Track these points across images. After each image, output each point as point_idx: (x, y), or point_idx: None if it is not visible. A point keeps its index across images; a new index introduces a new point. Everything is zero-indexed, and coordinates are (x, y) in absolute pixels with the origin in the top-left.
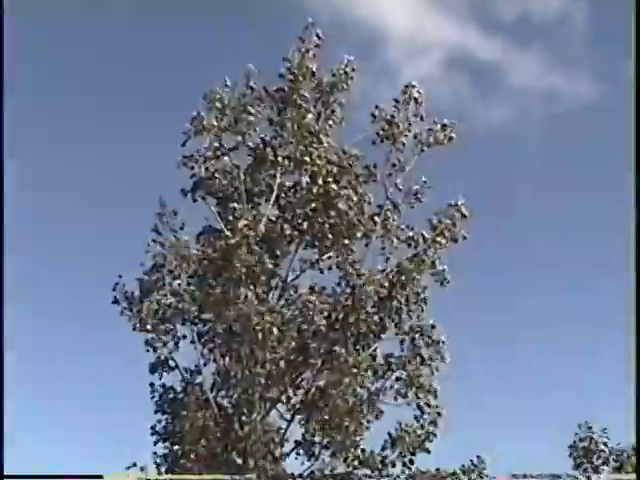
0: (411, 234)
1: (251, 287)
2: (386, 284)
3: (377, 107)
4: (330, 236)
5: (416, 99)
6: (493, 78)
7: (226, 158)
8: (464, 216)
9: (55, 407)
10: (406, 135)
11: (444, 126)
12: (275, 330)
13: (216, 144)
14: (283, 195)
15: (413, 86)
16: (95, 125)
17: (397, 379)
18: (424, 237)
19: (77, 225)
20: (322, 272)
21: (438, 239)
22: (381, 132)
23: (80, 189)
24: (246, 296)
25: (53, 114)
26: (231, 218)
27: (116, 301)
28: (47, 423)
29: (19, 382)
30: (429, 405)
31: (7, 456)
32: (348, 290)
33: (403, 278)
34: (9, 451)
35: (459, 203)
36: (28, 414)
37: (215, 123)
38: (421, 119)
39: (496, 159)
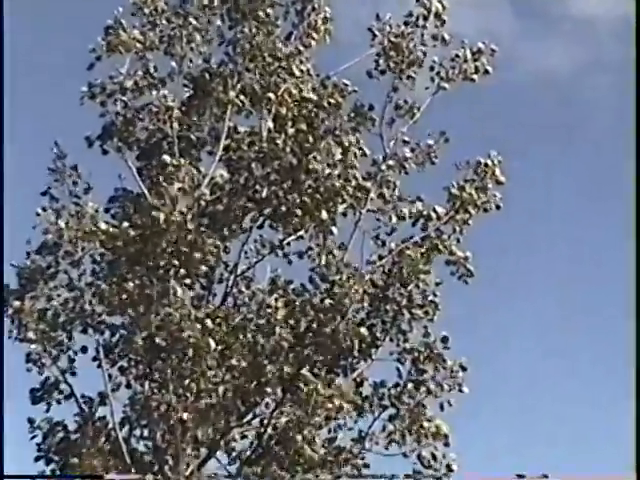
0: (420, 207)
1: (184, 280)
2: (380, 280)
3: (378, 17)
4: (300, 209)
5: (438, 14)
6: (547, 6)
7: (154, 92)
8: (499, 182)
9: None
10: (420, 65)
11: (477, 53)
12: (216, 344)
13: (140, 70)
14: (234, 147)
15: None
16: None
17: (391, 418)
18: (437, 212)
19: None
20: (289, 262)
21: (459, 216)
22: (382, 58)
23: None
24: (176, 293)
25: None
26: (158, 179)
27: None
28: None
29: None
30: (435, 458)
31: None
32: (325, 287)
33: (405, 271)
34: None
35: (492, 162)
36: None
37: (140, 37)
38: (443, 42)
39: (546, 117)
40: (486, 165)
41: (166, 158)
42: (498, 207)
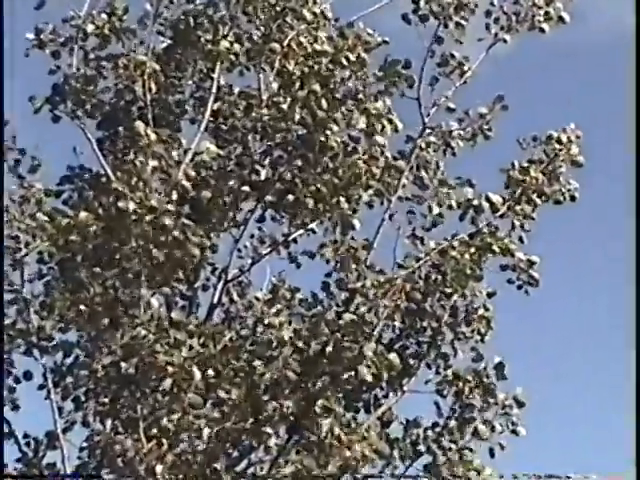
0: (470, 194)
1: (160, 288)
2: (415, 289)
3: None
4: (312, 196)
5: None
6: None
7: (121, 40)
8: (576, 163)
9: None
10: (472, 10)
11: None
12: (201, 372)
13: (104, 12)
14: (226, 113)
15: None
16: None
17: (427, 467)
18: (492, 201)
19: None
20: (297, 265)
21: (520, 207)
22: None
23: None
24: (149, 304)
25: None
26: (126, 154)
27: None
28: None
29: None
30: None
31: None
32: (343, 297)
33: (449, 277)
34: None
35: (568, 138)
36: None
37: None
38: None
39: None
40: (559, 141)
41: (139, 126)
42: (573, 198)
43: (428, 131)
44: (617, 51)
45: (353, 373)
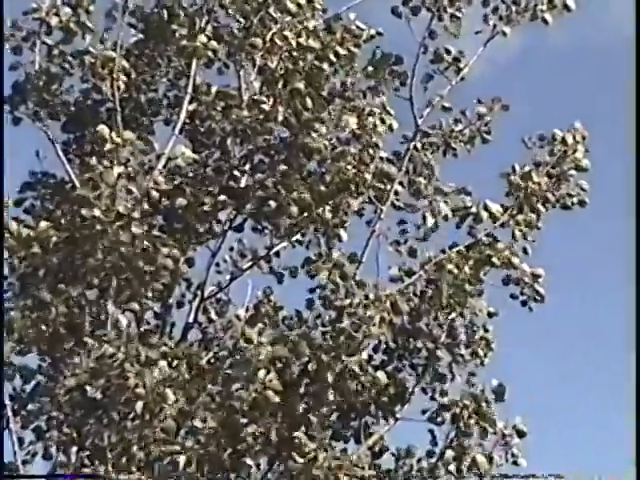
0: (468, 201)
1: (129, 305)
2: (407, 306)
3: None
4: (296, 204)
5: None
6: None
7: (88, 35)
8: (580, 168)
9: None
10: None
11: None
12: (174, 397)
13: (68, 5)
14: (203, 114)
15: None
16: None
17: None
18: (490, 210)
19: None
20: (279, 280)
21: (520, 216)
22: None
23: None
24: (117, 323)
25: None
26: (93, 161)
27: None
28: None
29: None
30: None
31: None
32: (329, 315)
33: (445, 293)
34: None
35: (574, 138)
36: None
37: None
38: None
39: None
40: (564, 142)
41: (103, 129)
42: (582, 203)
43: (426, 131)
44: (624, 53)
45: (339, 395)
